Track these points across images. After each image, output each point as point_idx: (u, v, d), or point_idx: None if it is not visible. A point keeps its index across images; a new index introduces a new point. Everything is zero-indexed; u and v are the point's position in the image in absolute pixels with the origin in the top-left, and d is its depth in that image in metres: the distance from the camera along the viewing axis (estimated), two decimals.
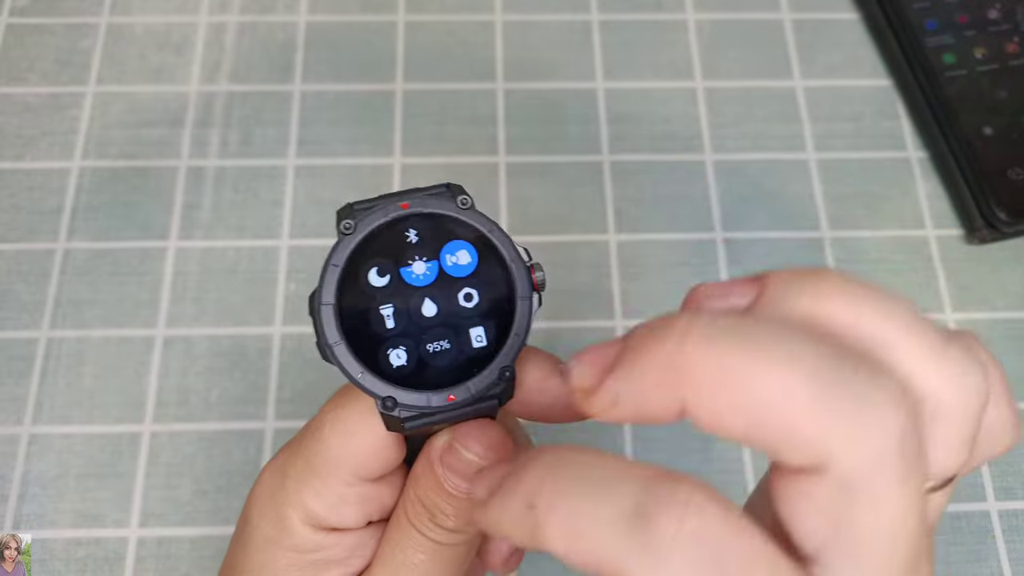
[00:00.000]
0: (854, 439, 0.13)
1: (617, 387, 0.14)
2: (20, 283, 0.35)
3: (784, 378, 0.13)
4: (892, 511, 0.13)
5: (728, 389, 0.13)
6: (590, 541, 0.13)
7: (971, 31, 0.40)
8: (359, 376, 0.18)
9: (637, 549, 0.12)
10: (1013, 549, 0.32)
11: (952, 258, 0.37)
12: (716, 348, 0.13)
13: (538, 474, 0.14)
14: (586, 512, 0.13)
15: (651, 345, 0.14)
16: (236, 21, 0.41)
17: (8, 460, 0.32)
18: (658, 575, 0.12)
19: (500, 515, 0.14)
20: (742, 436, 0.13)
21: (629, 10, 0.42)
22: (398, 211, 0.18)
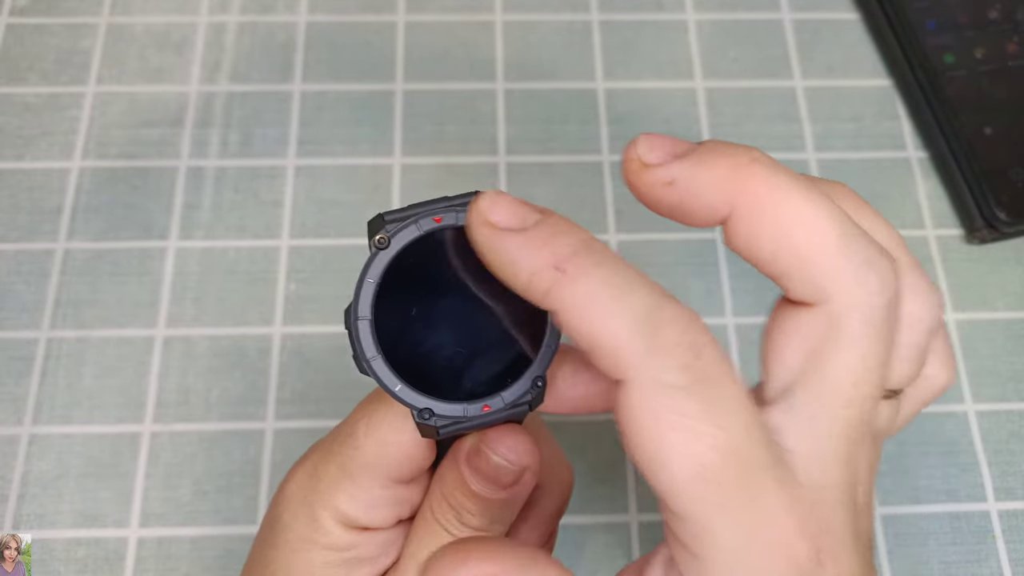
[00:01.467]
0: (857, 281, 0.15)
1: (679, 172, 0.16)
2: (20, 283, 0.35)
3: (821, 222, 0.15)
4: (858, 357, 0.15)
5: (774, 213, 0.15)
6: (602, 322, 0.15)
7: (971, 31, 0.40)
8: (396, 389, 0.18)
9: (643, 344, 0.14)
10: (1013, 549, 0.32)
11: (952, 258, 0.37)
12: (776, 177, 0.16)
13: (573, 243, 0.15)
14: (607, 297, 0.15)
15: (724, 151, 0.16)
16: (236, 21, 0.41)
17: (8, 460, 0.32)
18: (652, 370, 0.14)
19: (518, 256, 0.15)
20: (766, 256, 0.16)
21: (629, 10, 0.42)
22: (431, 225, 0.19)
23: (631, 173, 0.17)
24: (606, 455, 0.33)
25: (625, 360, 0.14)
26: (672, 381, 0.14)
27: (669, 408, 0.14)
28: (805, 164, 0.39)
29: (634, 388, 0.14)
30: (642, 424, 0.14)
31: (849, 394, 0.16)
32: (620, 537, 0.32)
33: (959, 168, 0.37)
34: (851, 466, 0.16)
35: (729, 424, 0.14)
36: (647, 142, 0.17)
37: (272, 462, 0.32)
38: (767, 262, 0.16)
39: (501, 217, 0.16)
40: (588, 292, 0.15)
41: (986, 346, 0.35)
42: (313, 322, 0.35)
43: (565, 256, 0.15)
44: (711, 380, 0.14)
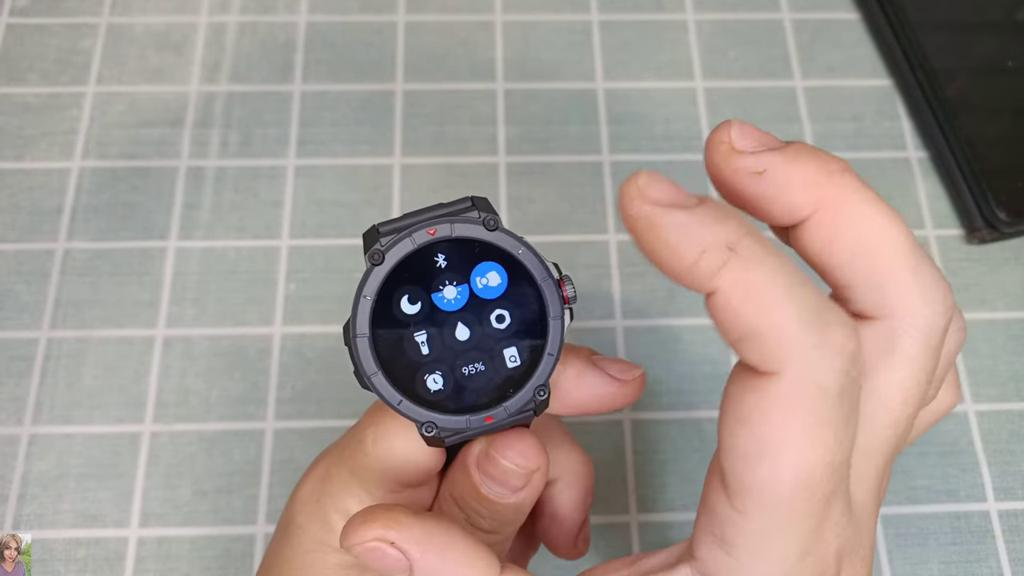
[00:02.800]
0: (924, 303, 0.15)
1: (772, 163, 0.16)
2: (20, 283, 0.35)
3: (899, 239, 0.16)
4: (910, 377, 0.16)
5: (859, 222, 0.16)
6: (771, 310, 0.14)
7: (971, 31, 0.40)
8: (399, 404, 0.18)
9: (811, 341, 0.14)
10: (1013, 549, 0.32)
11: (952, 258, 0.37)
12: (865, 191, 0.16)
13: (742, 227, 0.15)
14: (781, 285, 0.14)
15: (816, 154, 0.16)
16: (236, 21, 0.41)
17: (8, 460, 0.32)
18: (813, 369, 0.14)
19: (685, 233, 0.15)
20: (840, 263, 0.16)
21: (629, 10, 0.42)
22: (426, 238, 0.19)
23: (719, 155, 0.16)
24: (606, 455, 0.33)
25: (788, 352, 0.14)
26: (827, 384, 0.14)
27: (812, 409, 0.14)
28: None
29: (786, 380, 0.14)
30: (770, 414, 0.14)
31: (896, 412, 0.16)
32: (620, 537, 0.32)
33: (959, 168, 0.37)
34: (883, 484, 0.16)
35: (847, 444, 0.14)
36: (740, 128, 0.16)
37: (272, 462, 0.32)
38: (837, 268, 0.16)
39: (663, 194, 0.15)
40: (763, 276, 0.14)
41: (986, 346, 0.35)
42: (313, 322, 0.35)
43: (737, 236, 0.15)
44: (853, 396, 0.14)
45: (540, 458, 0.20)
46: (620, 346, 0.35)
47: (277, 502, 0.32)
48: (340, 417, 0.33)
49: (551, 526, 0.24)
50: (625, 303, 0.36)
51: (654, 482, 0.33)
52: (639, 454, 0.33)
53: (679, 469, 0.33)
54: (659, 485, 0.33)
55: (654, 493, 0.33)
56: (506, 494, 0.20)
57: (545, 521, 0.24)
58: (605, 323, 0.35)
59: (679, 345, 0.35)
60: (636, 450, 0.33)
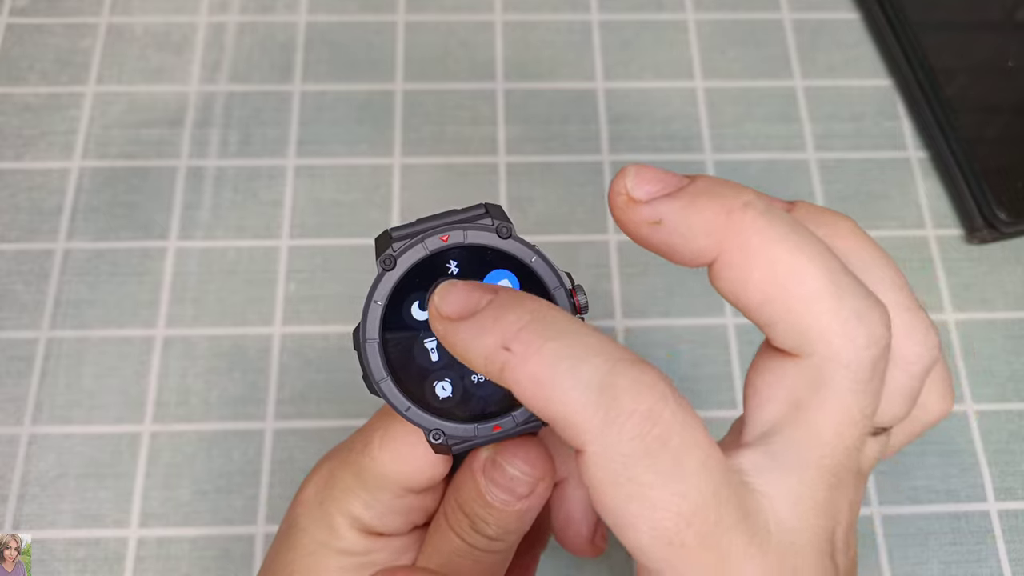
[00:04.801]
0: (845, 336, 0.15)
1: (667, 211, 0.16)
2: (20, 283, 0.35)
3: (811, 273, 0.15)
4: (842, 411, 0.15)
5: (765, 262, 0.15)
6: (556, 397, 0.14)
7: (971, 31, 0.40)
8: (407, 410, 0.18)
9: (597, 416, 0.14)
10: (1013, 549, 0.32)
11: (952, 258, 0.37)
12: (771, 227, 0.15)
13: (520, 319, 0.15)
14: (559, 371, 0.14)
15: (718, 193, 0.15)
16: (236, 21, 0.41)
17: (8, 460, 0.32)
18: (608, 442, 0.14)
19: (469, 343, 0.15)
20: (753, 305, 0.15)
21: (629, 10, 0.42)
22: (438, 244, 0.19)
23: (617, 208, 0.16)
24: None
25: (581, 434, 0.14)
26: (628, 451, 0.14)
27: (627, 478, 0.14)
28: (805, 164, 0.39)
29: (592, 460, 0.14)
30: (604, 491, 0.14)
31: (830, 445, 0.15)
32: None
33: (959, 168, 0.37)
34: (829, 511, 0.16)
35: (689, 490, 0.14)
36: (636, 175, 0.16)
37: (272, 462, 0.32)
38: (753, 310, 0.16)
39: (453, 307, 0.16)
40: (539, 367, 0.14)
41: (986, 346, 0.35)
42: (313, 322, 0.35)
43: (512, 334, 0.15)
44: (670, 446, 0.14)
45: (547, 466, 0.20)
46: None
47: (277, 502, 0.32)
48: (340, 417, 0.33)
49: (567, 527, 0.24)
50: (625, 303, 0.36)
51: None
52: None
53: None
54: None
55: None
56: (512, 501, 0.20)
57: (560, 522, 0.24)
58: (605, 323, 0.35)
59: (679, 345, 0.35)
60: None
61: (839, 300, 0.15)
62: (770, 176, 0.38)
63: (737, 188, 0.16)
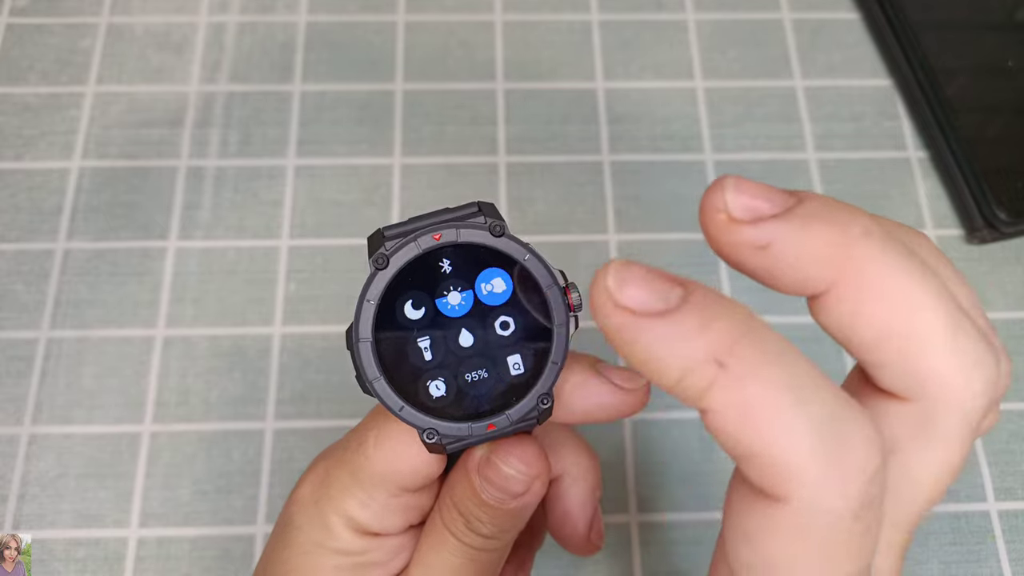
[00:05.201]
0: (964, 387, 0.14)
1: (777, 235, 0.13)
2: (20, 283, 0.35)
3: (933, 315, 0.13)
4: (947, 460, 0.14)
5: (884, 299, 0.13)
6: (773, 434, 0.12)
7: (971, 31, 0.40)
8: (400, 410, 0.18)
9: (822, 467, 0.12)
10: (1013, 549, 0.32)
11: (952, 258, 0.37)
12: (891, 259, 0.13)
13: (733, 331, 0.13)
14: (782, 404, 0.12)
15: (832, 217, 0.14)
16: (236, 21, 0.41)
17: (8, 460, 0.32)
18: (825, 497, 0.12)
19: (666, 347, 0.13)
20: (864, 342, 0.14)
21: (629, 10, 0.42)
22: (431, 243, 0.18)
23: (715, 227, 0.14)
24: (606, 455, 0.33)
25: (791, 480, 0.12)
26: (842, 511, 0.12)
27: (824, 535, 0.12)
28: (805, 164, 0.39)
29: (792, 510, 0.12)
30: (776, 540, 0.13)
31: (928, 492, 0.14)
32: (620, 537, 0.32)
33: (959, 168, 0.37)
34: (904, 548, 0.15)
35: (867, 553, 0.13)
36: (736, 189, 0.14)
37: (272, 462, 0.32)
38: (864, 349, 0.14)
39: (636, 298, 0.13)
40: (759, 393, 0.12)
41: None
42: (313, 322, 0.35)
43: (726, 346, 0.13)
44: (875, 507, 0.13)
45: (542, 465, 0.20)
46: None
47: (277, 502, 0.32)
48: (340, 417, 0.33)
49: (563, 524, 0.24)
50: None
51: (654, 482, 0.33)
52: (639, 454, 0.33)
53: (679, 469, 0.33)
54: (659, 485, 0.33)
55: (654, 493, 0.33)
56: (507, 500, 0.19)
57: (556, 519, 0.24)
58: None
59: None
60: (636, 450, 0.33)
61: (958, 343, 0.13)
62: (770, 176, 0.38)
63: (853, 212, 0.14)
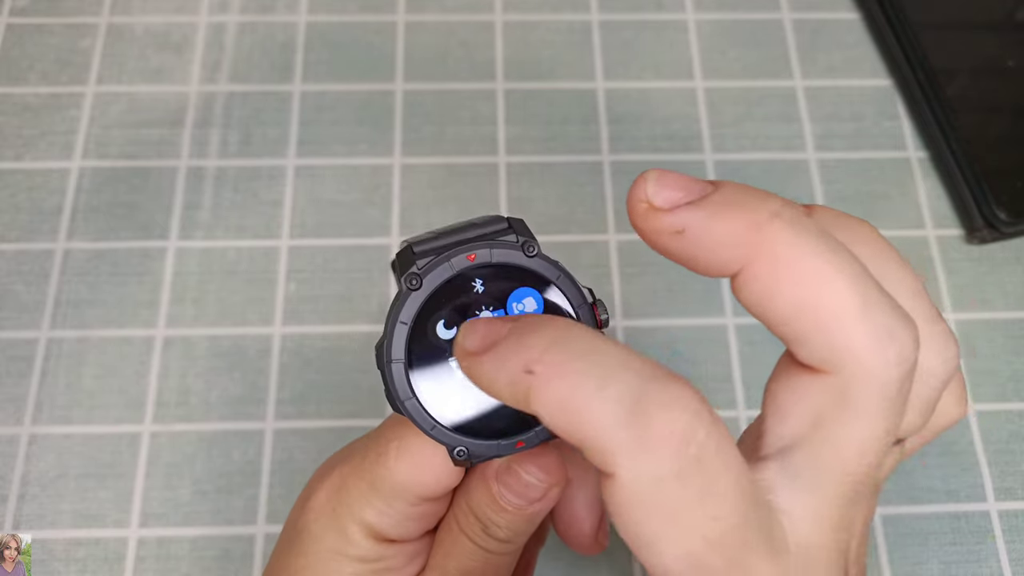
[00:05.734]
0: (875, 355, 0.14)
1: (691, 220, 0.15)
2: (20, 283, 0.35)
3: (843, 288, 0.14)
4: (867, 430, 0.15)
5: (794, 276, 0.14)
6: (583, 419, 0.14)
7: (971, 31, 0.40)
8: (432, 429, 0.18)
9: (629, 438, 0.13)
10: (1013, 549, 0.32)
11: (952, 258, 0.37)
12: (800, 239, 0.14)
13: (542, 342, 0.14)
14: (586, 392, 0.14)
15: (742, 201, 0.15)
16: (236, 21, 0.41)
17: (8, 460, 0.32)
18: (641, 465, 0.13)
19: (494, 372, 0.15)
20: (779, 318, 0.15)
21: (629, 10, 0.42)
22: (465, 264, 0.18)
23: (637, 216, 0.15)
24: None
25: (610, 456, 0.14)
26: (661, 473, 0.13)
27: (659, 501, 0.14)
28: (805, 164, 0.39)
29: (622, 483, 0.14)
30: (631, 514, 0.14)
31: (853, 463, 0.15)
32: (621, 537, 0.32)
33: (959, 168, 0.37)
34: (847, 527, 0.15)
35: (722, 513, 0.14)
36: (657, 181, 0.15)
37: (272, 462, 0.32)
38: (779, 325, 0.15)
39: (474, 343, 0.16)
40: (565, 388, 0.14)
41: (986, 346, 0.35)
42: (313, 322, 0.35)
43: (535, 357, 0.14)
44: (704, 468, 0.14)
45: (561, 473, 0.20)
46: None
47: (277, 502, 0.32)
48: (340, 417, 0.33)
49: (571, 525, 0.24)
50: (625, 303, 0.36)
51: None
52: None
53: None
54: None
55: None
56: (524, 506, 0.20)
57: (564, 521, 0.24)
58: None
59: (679, 345, 0.35)
60: None
61: (870, 316, 0.14)
62: (770, 176, 0.38)
63: (764, 196, 0.15)
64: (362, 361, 0.34)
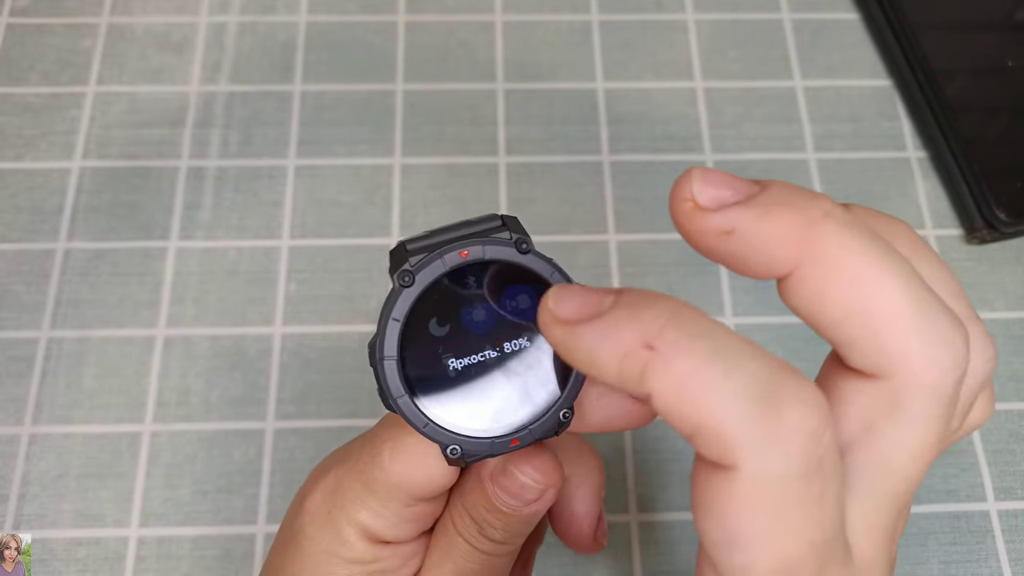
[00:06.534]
0: (930, 362, 0.14)
1: (741, 221, 0.14)
2: (20, 283, 0.35)
3: (897, 292, 0.14)
4: (919, 437, 0.14)
5: (846, 278, 0.14)
6: (707, 405, 0.13)
7: (971, 31, 0.40)
8: (424, 427, 0.18)
9: (758, 431, 0.13)
10: (1013, 549, 0.32)
11: (952, 258, 0.37)
12: (852, 240, 0.14)
13: (660, 318, 0.14)
14: (712, 376, 0.13)
15: (793, 201, 0.14)
16: (236, 21, 0.41)
17: (8, 460, 0.32)
18: (769, 460, 0.13)
19: (599, 344, 0.14)
20: (830, 322, 0.14)
21: (629, 10, 0.42)
22: (458, 260, 0.18)
23: (683, 215, 0.15)
24: (606, 455, 0.33)
25: (735, 448, 0.13)
26: (789, 471, 0.13)
27: (779, 499, 0.13)
28: (805, 164, 0.39)
29: (745, 476, 0.13)
30: (743, 510, 0.13)
31: (904, 471, 0.15)
32: (620, 537, 0.32)
33: (959, 168, 0.37)
34: (892, 527, 0.15)
35: (830, 519, 0.13)
36: (703, 179, 0.15)
37: (272, 462, 0.32)
38: (830, 328, 0.14)
39: (571, 310, 0.15)
40: (690, 370, 0.13)
41: None
42: (313, 322, 0.35)
43: (655, 331, 0.13)
44: (825, 471, 0.13)
45: (557, 474, 0.20)
46: None
47: (277, 502, 0.32)
48: (340, 417, 0.33)
49: (569, 524, 0.24)
50: None
51: (654, 482, 0.33)
52: (639, 454, 0.33)
53: (679, 469, 0.33)
54: (659, 485, 0.33)
55: (654, 493, 0.33)
56: (520, 507, 0.20)
57: (562, 520, 0.24)
58: None
59: None
60: (636, 450, 0.33)
61: (924, 320, 0.14)
62: (769, 176, 0.38)
63: (814, 197, 0.14)
64: (362, 361, 0.34)
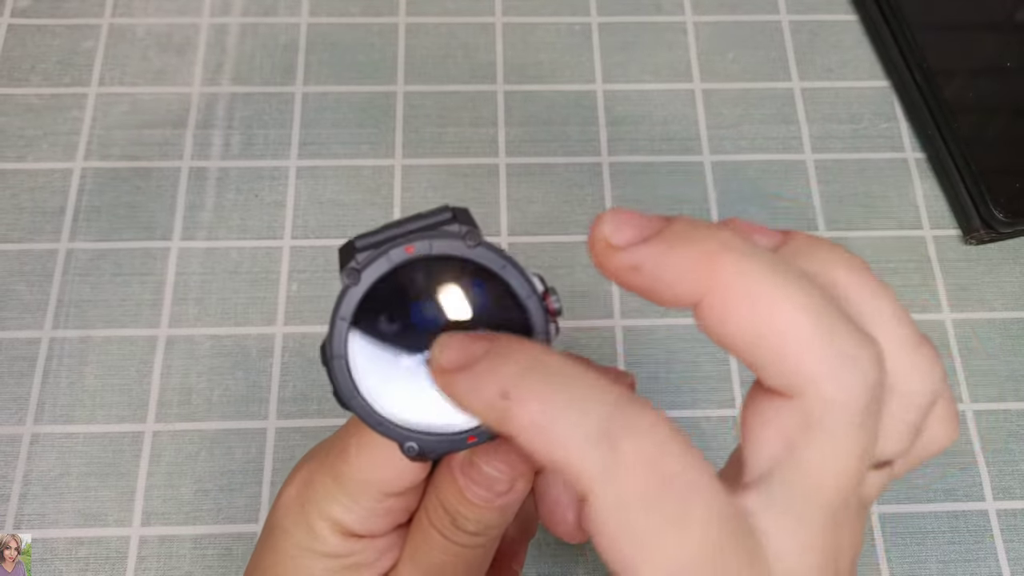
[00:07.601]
0: (834, 379, 0.15)
1: (646, 257, 0.15)
2: (22, 283, 0.35)
3: (796, 311, 0.15)
4: (837, 453, 0.15)
5: (748, 303, 0.15)
6: (557, 443, 0.14)
7: (969, 31, 0.40)
8: (379, 425, 0.18)
9: (600, 462, 0.14)
10: (1011, 549, 0.32)
11: (949, 258, 0.37)
12: (751, 269, 0.15)
13: (517, 368, 0.15)
14: (559, 418, 0.14)
15: (695, 237, 0.15)
16: (238, 23, 0.41)
17: (10, 460, 0.32)
18: (612, 489, 0.14)
19: (470, 393, 0.15)
20: (740, 346, 0.15)
21: (628, 12, 0.42)
22: (403, 256, 0.18)
23: (597, 254, 0.16)
24: None
25: (584, 481, 0.14)
26: (628, 499, 0.14)
27: (631, 526, 0.14)
28: (803, 165, 0.39)
29: (595, 507, 0.14)
30: (608, 538, 0.14)
31: (826, 486, 0.15)
32: None
33: (956, 169, 0.38)
34: (830, 549, 0.15)
35: (694, 536, 0.14)
36: (613, 220, 0.16)
37: (274, 461, 0.33)
38: (741, 352, 0.15)
39: (449, 359, 0.16)
40: (539, 413, 0.14)
41: (984, 346, 0.36)
42: (314, 322, 0.35)
43: (512, 380, 0.15)
44: (673, 492, 0.14)
45: (523, 465, 0.20)
46: (619, 346, 0.35)
47: None
48: (341, 416, 0.33)
49: (553, 513, 0.24)
50: (624, 303, 0.36)
51: None
52: None
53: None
54: None
55: None
56: (492, 499, 0.20)
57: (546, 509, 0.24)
58: (604, 323, 0.35)
59: (678, 345, 0.35)
60: None
61: (826, 340, 0.15)
62: (768, 177, 0.39)
63: (713, 230, 0.15)
64: None
